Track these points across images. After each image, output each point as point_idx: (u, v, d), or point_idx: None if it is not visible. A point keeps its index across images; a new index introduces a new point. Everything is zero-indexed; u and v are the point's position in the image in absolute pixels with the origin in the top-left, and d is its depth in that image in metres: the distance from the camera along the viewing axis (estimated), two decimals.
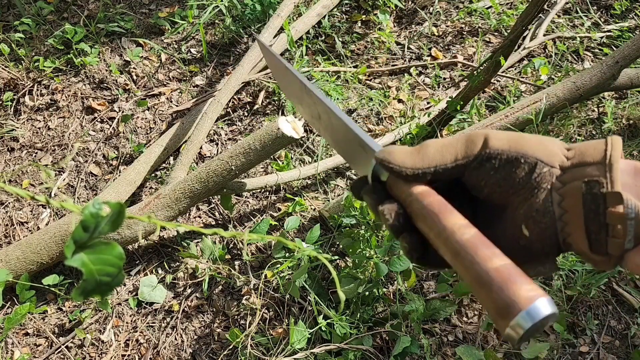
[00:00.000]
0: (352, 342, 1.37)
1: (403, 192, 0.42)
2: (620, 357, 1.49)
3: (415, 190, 0.41)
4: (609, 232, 0.35)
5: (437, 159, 0.41)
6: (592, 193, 0.36)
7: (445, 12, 2.49)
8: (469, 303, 1.58)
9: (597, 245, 0.36)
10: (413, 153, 0.42)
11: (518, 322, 0.32)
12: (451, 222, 0.38)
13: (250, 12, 2.28)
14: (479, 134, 0.41)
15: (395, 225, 0.41)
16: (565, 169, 0.38)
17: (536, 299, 0.33)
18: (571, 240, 0.37)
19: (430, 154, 0.41)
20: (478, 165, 0.40)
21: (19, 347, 1.51)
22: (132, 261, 1.68)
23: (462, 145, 0.41)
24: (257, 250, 1.70)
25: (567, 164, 0.38)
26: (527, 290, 0.33)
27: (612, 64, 1.76)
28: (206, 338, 1.53)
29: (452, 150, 0.41)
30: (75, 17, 2.36)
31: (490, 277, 0.34)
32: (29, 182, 1.89)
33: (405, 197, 0.42)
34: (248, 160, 1.46)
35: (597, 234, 0.36)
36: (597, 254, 0.36)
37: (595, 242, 0.36)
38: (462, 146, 0.41)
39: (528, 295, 0.33)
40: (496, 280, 0.34)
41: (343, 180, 1.88)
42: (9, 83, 2.11)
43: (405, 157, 0.42)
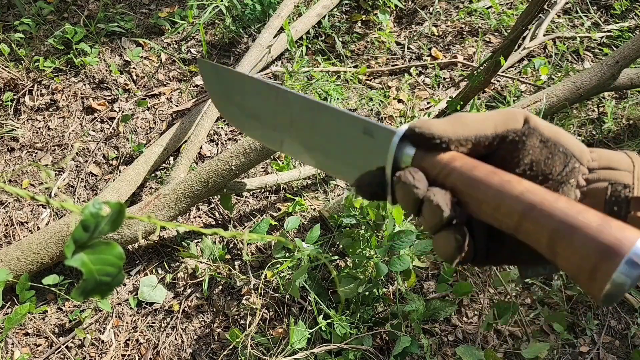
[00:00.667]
0: (352, 342, 1.37)
1: (441, 167, 0.38)
2: (620, 357, 1.49)
3: (458, 162, 0.37)
4: None
5: (476, 127, 0.39)
6: (617, 196, 0.36)
7: (445, 12, 2.49)
8: (469, 303, 1.58)
9: None
10: (451, 121, 0.39)
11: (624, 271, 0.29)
12: (516, 179, 0.35)
13: (250, 12, 2.28)
14: (518, 111, 0.40)
15: (451, 216, 0.36)
16: (591, 170, 0.38)
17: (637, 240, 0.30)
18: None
19: (469, 123, 0.39)
20: (517, 139, 0.39)
21: (19, 347, 1.51)
22: (132, 261, 1.68)
23: (501, 118, 0.39)
24: (257, 250, 1.70)
25: (593, 164, 0.39)
26: (623, 232, 0.30)
27: (612, 64, 1.76)
28: (206, 338, 1.53)
29: (490, 121, 0.39)
30: (75, 17, 2.36)
31: (583, 220, 0.31)
32: (29, 182, 1.89)
33: (446, 173, 0.37)
34: (248, 160, 1.46)
35: None
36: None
37: None
38: (502, 119, 0.39)
39: (629, 238, 0.30)
40: (589, 224, 0.31)
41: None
42: (9, 83, 2.11)
43: (445, 125, 0.39)
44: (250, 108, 0.50)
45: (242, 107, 0.51)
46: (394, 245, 1.35)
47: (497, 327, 1.52)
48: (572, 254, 0.31)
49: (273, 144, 0.50)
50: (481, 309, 1.56)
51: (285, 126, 0.48)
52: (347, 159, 0.45)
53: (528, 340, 1.48)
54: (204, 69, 0.53)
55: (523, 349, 1.43)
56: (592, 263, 0.30)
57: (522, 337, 1.50)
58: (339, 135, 0.44)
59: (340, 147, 0.45)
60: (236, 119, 0.52)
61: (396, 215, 1.38)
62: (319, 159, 0.47)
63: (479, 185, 0.36)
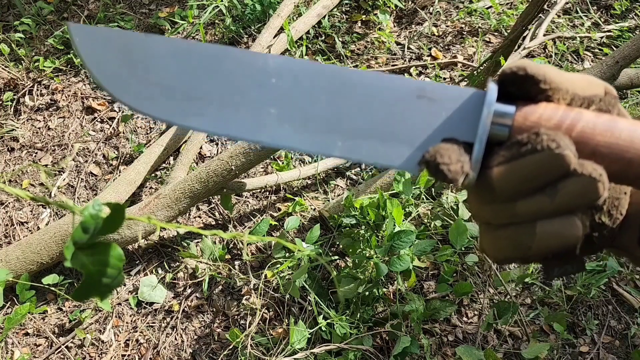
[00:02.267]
0: (352, 342, 1.37)
1: (561, 117, 0.31)
2: (620, 357, 1.49)
3: (572, 109, 0.31)
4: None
5: (571, 83, 0.33)
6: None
7: (445, 12, 2.49)
8: (469, 303, 1.58)
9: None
10: (550, 68, 0.33)
11: None
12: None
13: (250, 12, 2.28)
14: (597, 80, 0.35)
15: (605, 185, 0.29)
16: None
17: None
18: (622, 234, 0.34)
19: (565, 75, 0.33)
20: (604, 108, 0.33)
21: (19, 347, 1.51)
22: (132, 261, 1.68)
23: (585, 81, 0.34)
24: (257, 250, 1.70)
25: None
26: None
27: (612, 64, 1.76)
28: (206, 338, 1.53)
29: (578, 81, 0.33)
30: (75, 17, 2.36)
31: None
32: (29, 182, 1.89)
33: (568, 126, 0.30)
34: (248, 160, 1.46)
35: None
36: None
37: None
38: (586, 82, 0.34)
39: None
40: None
41: (343, 180, 1.88)
42: (9, 83, 2.11)
43: (549, 70, 0.32)
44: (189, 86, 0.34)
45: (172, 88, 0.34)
46: (394, 245, 1.35)
47: (497, 327, 1.52)
48: None
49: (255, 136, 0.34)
50: (481, 309, 1.56)
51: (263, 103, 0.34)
52: (394, 138, 0.33)
53: (528, 340, 1.48)
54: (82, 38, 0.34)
55: (523, 349, 1.43)
56: None
57: (522, 337, 1.50)
58: (379, 107, 0.33)
59: (380, 123, 0.33)
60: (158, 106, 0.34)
61: (396, 215, 1.38)
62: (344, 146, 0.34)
63: (619, 133, 0.29)
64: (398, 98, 0.33)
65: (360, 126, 0.33)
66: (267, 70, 0.34)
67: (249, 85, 0.34)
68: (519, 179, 0.30)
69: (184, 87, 0.34)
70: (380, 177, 1.67)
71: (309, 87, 0.34)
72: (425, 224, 1.64)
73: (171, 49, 0.34)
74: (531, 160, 0.30)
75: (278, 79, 0.34)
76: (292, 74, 0.34)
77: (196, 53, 0.34)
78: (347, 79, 0.34)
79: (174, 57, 0.34)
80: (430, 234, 1.59)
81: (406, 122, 0.33)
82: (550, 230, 0.31)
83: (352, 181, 1.87)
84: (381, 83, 0.33)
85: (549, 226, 0.31)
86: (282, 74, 0.34)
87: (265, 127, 0.34)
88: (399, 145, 0.33)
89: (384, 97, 0.33)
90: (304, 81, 0.34)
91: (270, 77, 0.34)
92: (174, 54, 0.34)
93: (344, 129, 0.33)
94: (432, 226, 1.63)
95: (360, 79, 0.34)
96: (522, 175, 0.30)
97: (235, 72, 0.34)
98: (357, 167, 1.90)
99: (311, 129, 0.34)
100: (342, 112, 0.34)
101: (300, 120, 0.34)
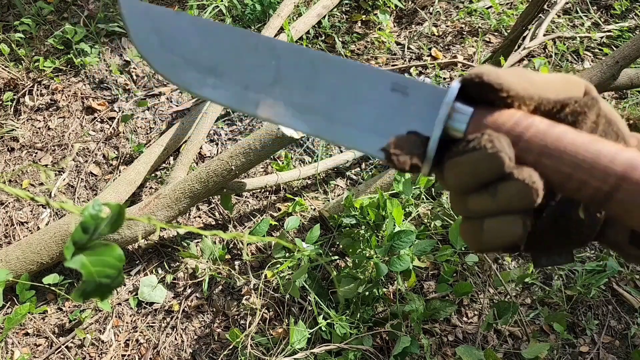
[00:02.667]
0: (352, 342, 1.37)
1: (512, 124, 0.31)
2: (620, 357, 1.49)
3: (528, 116, 0.31)
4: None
5: (541, 86, 0.33)
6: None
7: (445, 12, 2.49)
8: (469, 303, 1.58)
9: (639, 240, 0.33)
10: (516, 74, 0.33)
11: None
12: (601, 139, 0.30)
13: (250, 12, 2.28)
14: (579, 79, 0.35)
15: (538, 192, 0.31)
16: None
17: None
18: (610, 231, 0.34)
19: (534, 80, 0.33)
20: (579, 110, 0.34)
21: (19, 347, 1.51)
22: (132, 261, 1.68)
23: (562, 83, 0.34)
24: (257, 250, 1.70)
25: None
26: None
27: (612, 64, 1.76)
28: (206, 338, 1.53)
29: (552, 84, 0.34)
30: (75, 17, 2.36)
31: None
32: (29, 182, 1.89)
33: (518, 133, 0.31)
34: (248, 160, 1.46)
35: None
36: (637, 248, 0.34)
37: (638, 237, 0.33)
38: (563, 84, 0.34)
39: None
40: None
41: (343, 180, 1.88)
42: (9, 83, 2.11)
43: (512, 77, 0.33)
44: (206, 61, 0.39)
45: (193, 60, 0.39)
46: (394, 245, 1.35)
47: (497, 327, 1.52)
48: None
49: (243, 106, 0.39)
50: (481, 309, 1.56)
51: (266, 84, 0.38)
52: (362, 123, 0.36)
53: (528, 340, 1.48)
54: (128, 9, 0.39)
55: (523, 349, 1.43)
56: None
57: (522, 337, 1.50)
58: (354, 94, 0.36)
59: (353, 108, 0.37)
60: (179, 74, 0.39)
61: (396, 215, 1.38)
62: (318, 125, 0.37)
63: (565, 145, 0.30)
64: (373, 88, 0.36)
65: (335, 109, 0.37)
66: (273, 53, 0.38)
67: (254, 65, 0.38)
68: (462, 174, 0.32)
69: (201, 60, 0.39)
70: (380, 177, 1.67)
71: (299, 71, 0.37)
72: (425, 224, 1.64)
73: (194, 27, 0.39)
74: (471, 158, 0.31)
75: (277, 61, 0.38)
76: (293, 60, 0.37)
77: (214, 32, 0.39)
78: (330, 65, 0.37)
79: (196, 33, 0.39)
80: (430, 234, 1.59)
81: (377, 111, 0.36)
82: (494, 227, 0.32)
83: (352, 181, 1.87)
84: (360, 72, 0.36)
85: (494, 223, 0.32)
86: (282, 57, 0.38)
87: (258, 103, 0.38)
88: (368, 131, 0.36)
89: (361, 85, 0.36)
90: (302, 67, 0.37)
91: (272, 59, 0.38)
92: (196, 31, 0.39)
93: (321, 111, 0.37)
94: (432, 226, 1.63)
95: (342, 66, 0.37)
96: (463, 171, 0.32)
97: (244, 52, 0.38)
98: (357, 167, 1.90)
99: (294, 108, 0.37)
100: (321, 95, 0.37)
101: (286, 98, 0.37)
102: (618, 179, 0.29)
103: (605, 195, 0.29)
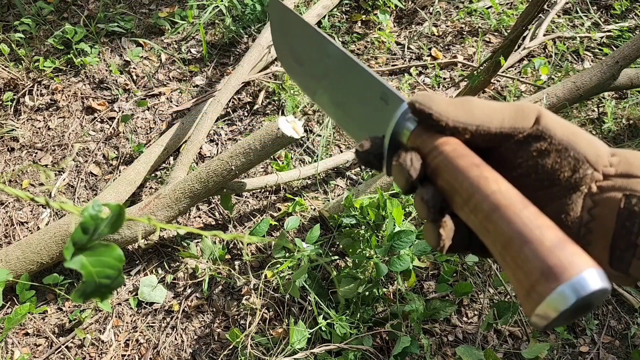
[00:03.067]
0: (352, 342, 1.37)
1: (431, 145, 0.37)
2: (620, 357, 1.49)
3: (446, 145, 0.36)
4: (636, 253, 0.32)
5: (481, 118, 0.36)
6: (631, 209, 0.33)
7: (445, 12, 2.49)
8: (469, 303, 1.58)
9: (619, 262, 0.33)
10: (456, 104, 0.37)
11: (561, 295, 0.27)
12: (494, 176, 0.34)
13: (250, 12, 2.28)
14: (532, 107, 0.37)
15: (415, 178, 0.36)
16: (607, 176, 0.35)
17: (586, 270, 0.28)
18: (590, 250, 0.34)
19: (475, 111, 0.36)
20: (523, 140, 0.36)
21: (19, 347, 1.51)
22: (132, 261, 1.68)
23: (510, 113, 0.36)
24: (257, 250, 1.70)
25: (610, 171, 0.35)
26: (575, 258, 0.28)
27: (612, 64, 1.76)
28: (206, 338, 1.53)
29: (498, 115, 0.36)
30: (75, 17, 2.36)
31: (538, 236, 0.30)
32: (29, 182, 1.89)
33: (434, 156, 0.36)
34: (248, 160, 1.46)
35: (623, 252, 0.33)
36: (616, 270, 0.34)
37: (617, 258, 0.33)
38: (511, 114, 0.36)
39: (578, 266, 0.28)
40: (543, 241, 0.29)
41: (343, 180, 1.88)
42: (9, 83, 2.11)
43: (448, 106, 0.37)
44: (298, 53, 0.51)
45: (293, 51, 0.52)
46: (394, 245, 1.35)
47: (497, 327, 1.52)
48: (517, 268, 0.30)
49: (309, 92, 0.51)
50: (481, 309, 1.56)
51: (320, 76, 0.49)
52: (361, 121, 0.45)
53: (528, 340, 1.48)
54: (273, 8, 0.54)
55: (523, 349, 1.43)
56: (532, 281, 0.29)
57: (522, 337, 1.50)
58: (359, 95, 0.44)
59: (358, 107, 0.45)
60: (285, 61, 0.54)
61: (396, 215, 1.38)
62: (340, 116, 0.48)
63: (457, 175, 0.34)
64: (370, 95, 0.43)
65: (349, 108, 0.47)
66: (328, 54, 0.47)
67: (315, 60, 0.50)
68: (396, 181, 0.38)
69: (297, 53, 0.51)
70: (380, 177, 1.67)
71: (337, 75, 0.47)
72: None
73: (304, 34, 0.50)
74: (396, 170, 0.38)
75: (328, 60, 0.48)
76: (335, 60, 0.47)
77: (311, 36, 0.49)
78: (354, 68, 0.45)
79: (303, 38, 0.50)
80: None
81: (368, 113, 0.43)
82: (424, 230, 0.37)
83: (352, 181, 1.87)
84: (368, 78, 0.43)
85: (424, 226, 0.37)
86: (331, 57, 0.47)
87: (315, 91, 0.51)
88: (359, 129, 0.46)
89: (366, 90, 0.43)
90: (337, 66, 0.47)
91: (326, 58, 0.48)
92: (304, 35, 0.50)
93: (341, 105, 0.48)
94: None
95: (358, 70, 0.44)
96: (396, 179, 0.38)
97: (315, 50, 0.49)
98: (357, 167, 1.90)
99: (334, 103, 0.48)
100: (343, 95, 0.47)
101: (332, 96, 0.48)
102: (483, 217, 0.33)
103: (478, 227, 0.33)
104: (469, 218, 0.34)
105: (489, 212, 0.32)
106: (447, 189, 0.35)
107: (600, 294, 0.28)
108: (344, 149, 1.95)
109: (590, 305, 0.28)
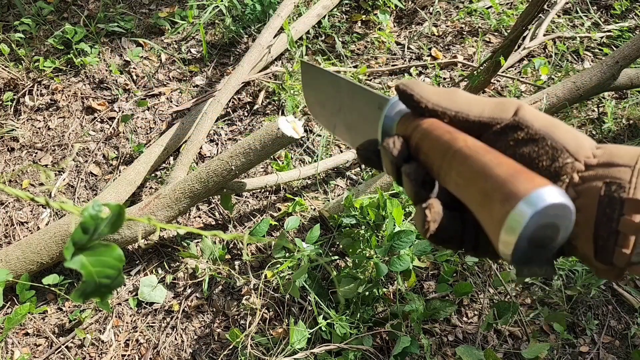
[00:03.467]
0: (352, 342, 1.37)
1: (412, 127, 0.39)
2: (620, 357, 1.49)
3: (425, 122, 0.39)
4: (618, 241, 0.32)
5: (462, 106, 0.39)
6: (611, 196, 0.33)
7: (445, 12, 2.49)
8: (469, 303, 1.58)
9: (603, 252, 0.33)
10: (440, 92, 0.40)
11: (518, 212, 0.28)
12: (463, 136, 0.36)
13: (250, 12, 2.28)
14: (512, 101, 0.38)
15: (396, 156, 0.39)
16: (589, 167, 0.35)
17: (542, 187, 0.28)
18: (577, 243, 0.34)
19: (457, 99, 0.39)
20: (501, 130, 0.37)
21: (19, 347, 1.51)
22: (132, 261, 1.68)
23: (491, 105, 0.39)
24: (257, 250, 1.70)
25: (593, 161, 0.35)
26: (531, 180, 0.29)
27: (612, 64, 1.76)
28: (206, 338, 1.53)
29: (480, 105, 0.39)
30: (75, 17, 2.36)
31: (497, 171, 0.31)
32: (29, 182, 1.89)
33: (412, 131, 0.39)
34: (248, 160, 1.46)
35: (606, 241, 0.33)
36: (602, 262, 0.34)
37: (601, 249, 0.33)
38: (492, 106, 0.39)
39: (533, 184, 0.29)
40: (500, 175, 0.31)
41: (343, 180, 1.88)
42: (9, 83, 2.11)
43: (431, 92, 0.40)
44: (322, 98, 0.57)
45: (318, 98, 0.58)
46: (394, 245, 1.35)
47: (497, 327, 1.52)
48: (488, 216, 0.31)
49: (330, 128, 0.57)
50: (481, 309, 1.56)
51: (336, 111, 0.54)
52: (365, 133, 0.48)
53: (528, 340, 1.48)
54: (304, 69, 0.59)
55: (523, 349, 1.43)
56: (496, 215, 0.29)
57: (522, 337, 1.50)
58: (363, 111, 0.48)
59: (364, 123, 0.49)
60: (313, 108, 0.59)
61: (396, 215, 1.38)
62: (354, 139, 0.51)
63: (432, 143, 0.36)
64: (370, 104, 0.46)
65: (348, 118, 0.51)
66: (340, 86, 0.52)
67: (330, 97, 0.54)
68: (387, 170, 0.41)
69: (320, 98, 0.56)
70: (380, 177, 1.67)
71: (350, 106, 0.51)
72: None
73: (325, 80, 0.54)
74: (384, 157, 0.41)
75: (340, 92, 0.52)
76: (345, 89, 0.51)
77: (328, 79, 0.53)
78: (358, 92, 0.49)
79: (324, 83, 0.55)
80: None
81: (366, 121, 0.47)
82: (414, 215, 0.39)
83: (352, 181, 1.87)
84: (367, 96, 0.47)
85: (415, 212, 0.38)
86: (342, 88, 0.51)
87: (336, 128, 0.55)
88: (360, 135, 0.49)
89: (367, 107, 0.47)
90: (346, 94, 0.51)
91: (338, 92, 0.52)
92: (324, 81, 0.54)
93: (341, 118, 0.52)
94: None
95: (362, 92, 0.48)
96: (386, 167, 0.41)
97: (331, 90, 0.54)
98: (357, 167, 1.90)
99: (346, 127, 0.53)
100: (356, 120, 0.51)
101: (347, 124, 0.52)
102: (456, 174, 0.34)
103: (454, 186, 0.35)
104: (446, 181, 0.35)
105: (459, 167, 0.34)
106: (427, 160, 0.37)
107: (561, 210, 0.28)
108: (344, 149, 1.95)
109: (554, 226, 0.29)
